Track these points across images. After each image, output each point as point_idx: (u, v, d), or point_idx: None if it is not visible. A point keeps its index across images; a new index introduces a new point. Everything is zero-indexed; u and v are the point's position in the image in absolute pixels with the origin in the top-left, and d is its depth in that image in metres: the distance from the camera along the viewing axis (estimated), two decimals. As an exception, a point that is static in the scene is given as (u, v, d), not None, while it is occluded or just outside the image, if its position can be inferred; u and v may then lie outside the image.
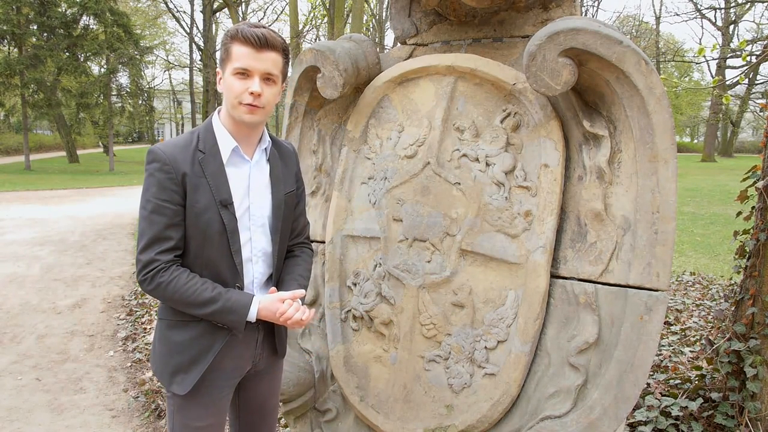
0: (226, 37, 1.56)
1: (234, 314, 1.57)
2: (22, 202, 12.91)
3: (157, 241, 1.53)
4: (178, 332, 1.63)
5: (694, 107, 37.89)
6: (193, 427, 1.66)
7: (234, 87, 1.54)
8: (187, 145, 1.57)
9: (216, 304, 1.55)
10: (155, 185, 1.52)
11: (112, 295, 6.00)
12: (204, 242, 1.58)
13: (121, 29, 23.74)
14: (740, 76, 9.25)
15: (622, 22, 29.49)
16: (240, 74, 1.54)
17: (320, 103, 2.37)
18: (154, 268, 1.52)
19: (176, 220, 1.54)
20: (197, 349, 1.62)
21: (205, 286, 1.56)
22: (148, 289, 1.54)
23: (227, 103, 1.59)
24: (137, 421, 3.42)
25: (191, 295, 1.53)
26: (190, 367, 1.62)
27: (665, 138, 1.66)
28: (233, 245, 1.61)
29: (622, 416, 1.71)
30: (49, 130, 38.44)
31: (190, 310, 1.57)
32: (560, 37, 1.65)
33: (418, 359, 2.11)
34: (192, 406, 1.65)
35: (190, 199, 1.54)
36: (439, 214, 2.07)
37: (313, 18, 26.10)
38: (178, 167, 1.53)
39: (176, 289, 1.52)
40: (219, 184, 1.58)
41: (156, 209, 1.52)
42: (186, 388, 1.62)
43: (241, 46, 1.53)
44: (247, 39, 1.52)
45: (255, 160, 1.68)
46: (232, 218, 1.60)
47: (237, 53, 1.53)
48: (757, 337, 2.70)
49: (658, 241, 1.68)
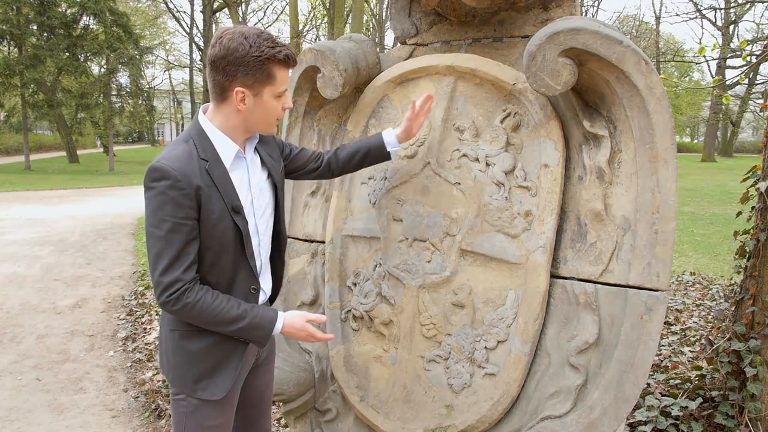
0: (260, 60, 1.48)
1: (260, 330, 1.60)
2: (22, 202, 12.91)
3: (178, 260, 1.48)
4: (195, 341, 1.63)
5: (694, 107, 37.90)
6: (206, 426, 1.67)
7: (276, 108, 1.58)
8: (190, 157, 1.52)
9: (243, 321, 1.57)
10: (170, 204, 1.47)
11: (112, 295, 6.00)
12: (220, 251, 1.58)
13: (121, 29, 23.72)
14: (740, 76, 9.25)
15: (622, 22, 29.49)
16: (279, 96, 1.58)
17: (320, 103, 2.37)
18: (179, 289, 1.48)
19: (194, 235, 1.52)
20: (219, 355, 1.64)
21: (231, 303, 1.56)
22: (172, 310, 1.51)
23: (261, 122, 1.60)
24: (137, 421, 3.42)
25: (218, 314, 1.53)
26: (213, 373, 1.64)
27: (665, 138, 1.66)
28: (248, 249, 1.63)
29: (622, 416, 1.71)
30: (49, 130, 38.43)
31: (215, 328, 1.58)
32: (560, 37, 1.65)
33: (418, 359, 2.11)
34: (209, 407, 1.67)
35: (204, 210, 1.52)
36: (439, 214, 2.07)
37: (313, 18, 26.12)
38: (191, 181, 1.49)
39: (203, 309, 1.51)
40: (228, 191, 1.57)
41: (174, 228, 1.47)
42: (219, 393, 1.64)
43: (284, 68, 1.54)
44: (287, 61, 1.53)
45: (249, 155, 1.70)
46: (244, 222, 1.61)
47: (282, 77, 1.55)
48: (757, 337, 2.70)
49: (658, 241, 1.68)
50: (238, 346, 1.66)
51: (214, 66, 1.51)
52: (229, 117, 1.58)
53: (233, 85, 1.51)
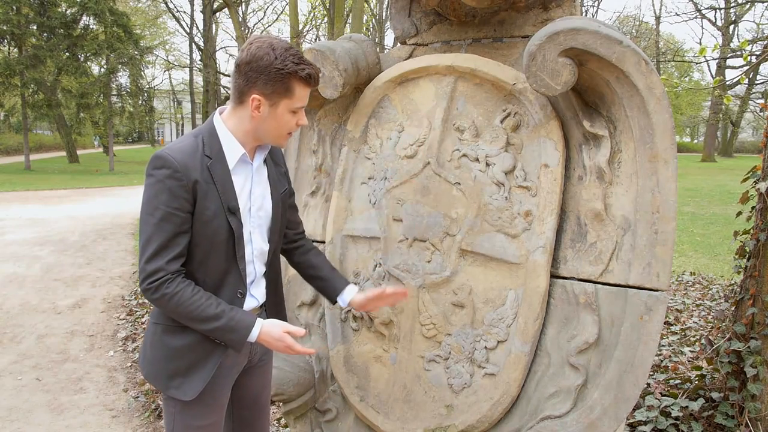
0: (282, 73, 1.51)
1: (235, 333, 1.56)
2: (22, 202, 12.91)
3: (165, 249, 1.50)
4: (175, 338, 1.62)
5: (694, 107, 37.88)
6: (195, 426, 1.67)
7: (290, 122, 1.60)
8: (194, 151, 1.55)
9: (219, 321, 1.54)
10: (166, 192, 1.49)
11: (112, 295, 6.00)
12: (210, 249, 1.58)
13: (121, 29, 23.70)
14: (741, 76, 9.25)
15: (622, 22, 29.50)
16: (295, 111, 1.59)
17: (320, 103, 2.37)
18: (161, 278, 1.49)
19: (185, 227, 1.52)
20: (195, 356, 1.62)
21: (210, 301, 1.55)
22: (152, 298, 1.52)
23: (273, 133, 1.62)
24: (137, 421, 3.42)
25: (195, 310, 1.52)
26: (188, 372, 1.62)
27: (665, 138, 1.66)
28: (239, 251, 1.62)
29: (622, 416, 1.71)
30: (49, 130, 38.44)
31: (190, 324, 1.57)
32: (560, 37, 1.65)
33: (418, 359, 2.11)
34: (195, 407, 1.66)
35: (199, 206, 1.53)
36: (439, 214, 2.07)
37: (313, 18, 26.12)
38: (190, 174, 1.51)
39: (180, 302, 1.51)
40: (226, 191, 1.58)
41: (166, 217, 1.49)
42: (190, 395, 1.62)
43: (305, 86, 1.57)
44: (308, 80, 1.56)
45: (256, 163, 1.70)
46: (239, 224, 1.61)
47: (300, 94, 1.57)
48: (758, 337, 2.70)
49: (658, 241, 1.68)
50: (216, 348, 1.63)
51: (238, 69, 1.54)
52: (242, 121, 1.60)
53: (252, 91, 1.54)
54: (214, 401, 1.69)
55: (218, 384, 1.69)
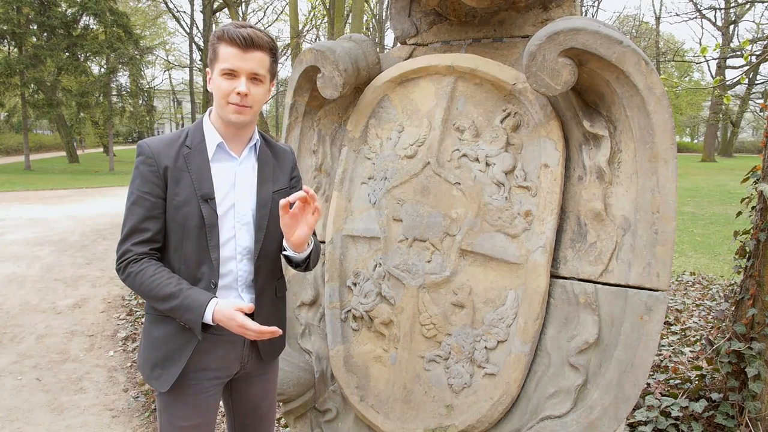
0: (213, 38, 1.57)
1: (190, 313, 1.52)
2: (22, 202, 12.90)
3: (134, 232, 1.56)
4: (158, 327, 1.64)
5: (694, 107, 37.90)
6: (178, 426, 1.66)
7: (222, 87, 1.56)
8: (173, 141, 1.62)
9: (175, 300, 1.52)
10: (139, 177, 1.57)
11: (112, 295, 6.00)
12: (183, 236, 1.59)
13: (121, 29, 23.73)
14: (741, 76, 9.25)
15: (622, 22, 29.52)
16: (227, 75, 1.55)
17: (320, 103, 2.37)
18: (127, 259, 1.55)
19: (155, 212, 1.57)
20: (172, 346, 1.62)
21: (170, 280, 1.54)
22: (122, 279, 1.58)
23: (216, 102, 1.62)
24: (137, 421, 3.42)
25: (154, 288, 1.53)
26: (165, 364, 1.63)
27: (665, 138, 1.66)
28: (211, 240, 1.60)
29: (622, 416, 1.71)
30: (49, 130, 38.43)
31: (154, 304, 1.59)
32: (560, 37, 1.65)
33: (418, 359, 2.11)
34: (177, 405, 1.65)
35: (170, 191, 1.57)
36: (439, 214, 2.07)
37: (313, 18, 26.10)
38: (160, 161, 1.57)
39: (143, 281, 1.53)
40: (202, 179, 1.59)
41: (137, 201, 1.56)
42: (164, 386, 1.62)
43: (228, 46, 1.54)
44: (233, 39, 1.53)
45: (242, 158, 1.68)
46: (212, 213, 1.59)
47: (224, 54, 1.54)
48: (758, 337, 2.70)
49: (658, 241, 1.68)
50: (188, 342, 1.60)
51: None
52: (214, 107, 1.65)
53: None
54: (197, 402, 1.66)
55: (200, 385, 1.66)
